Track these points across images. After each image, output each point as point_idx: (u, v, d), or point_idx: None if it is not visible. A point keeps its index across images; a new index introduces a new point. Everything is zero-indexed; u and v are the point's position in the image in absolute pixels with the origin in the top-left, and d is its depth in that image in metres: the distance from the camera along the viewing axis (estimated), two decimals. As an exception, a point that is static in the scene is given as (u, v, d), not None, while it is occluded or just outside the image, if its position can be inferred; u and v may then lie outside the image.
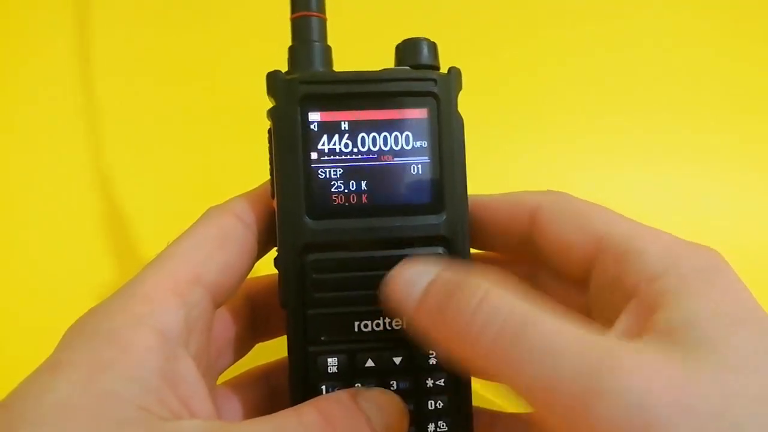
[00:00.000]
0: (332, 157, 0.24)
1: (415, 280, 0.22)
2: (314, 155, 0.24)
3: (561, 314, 0.19)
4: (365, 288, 0.24)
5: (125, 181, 0.40)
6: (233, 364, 0.27)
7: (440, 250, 0.25)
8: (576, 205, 0.25)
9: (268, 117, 0.25)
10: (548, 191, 0.26)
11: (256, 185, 0.26)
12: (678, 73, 0.46)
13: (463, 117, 0.25)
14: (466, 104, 0.25)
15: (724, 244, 0.22)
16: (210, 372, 0.25)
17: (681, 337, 0.18)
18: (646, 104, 0.45)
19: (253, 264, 0.25)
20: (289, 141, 0.24)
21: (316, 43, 0.25)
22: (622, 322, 0.21)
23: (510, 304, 0.20)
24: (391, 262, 0.24)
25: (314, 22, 0.25)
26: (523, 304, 0.20)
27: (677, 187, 0.43)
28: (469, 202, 0.25)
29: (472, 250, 0.26)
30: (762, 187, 0.44)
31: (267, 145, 0.25)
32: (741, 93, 0.46)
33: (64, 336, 0.21)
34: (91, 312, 0.21)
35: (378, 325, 0.24)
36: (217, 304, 0.24)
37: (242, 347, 0.27)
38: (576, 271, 0.24)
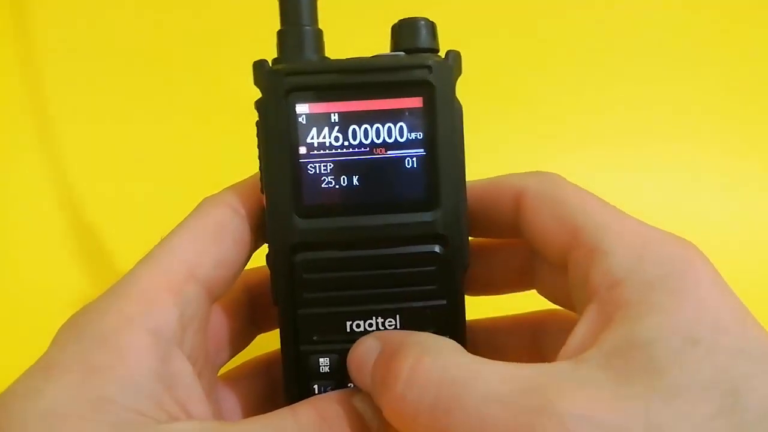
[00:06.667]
0: (322, 152, 0.23)
1: (365, 359, 0.22)
2: (303, 150, 0.23)
3: (497, 363, 0.19)
4: (357, 288, 0.24)
5: (109, 175, 0.40)
6: (234, 356, 0.27)
7: (436, 248, 0.24)
8: (559, 191, 0.23)
9: (256, 109, 0.23)
10: (535, 173, 0.24)
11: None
12: (677, 59, 0.45)
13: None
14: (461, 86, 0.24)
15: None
16: (209, 367, 0.25)
17: (622, 360, 0.18)
18: (644, 90, 0.44)
19: (250, 256, 0.25)
20: (276, 135, 0.23)
21: (306, 28, 0.24)
22: (577, 333, 0.20)
23: (441, 369, 0.19)
24: (385, 261, 0.24)
25: (304, 3, 0.24)
26: (455, 364, 0.19)
27: (672, 175, 0.43)
28: None
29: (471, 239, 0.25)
30: (761, 180, 0.43)
31: (255, 138, 0.24)
32: (742, 85, 0.45)
33: (56, 336, 0.21)
34: (85, 311, 0.21)
35: (371, 325, 0.24)
36: (213, 299, 0.24)
37: (242, 340, 0.27)
38: (558, 261, 0.23)
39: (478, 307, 0.27)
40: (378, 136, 0.23)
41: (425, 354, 0.20)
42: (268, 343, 0.28)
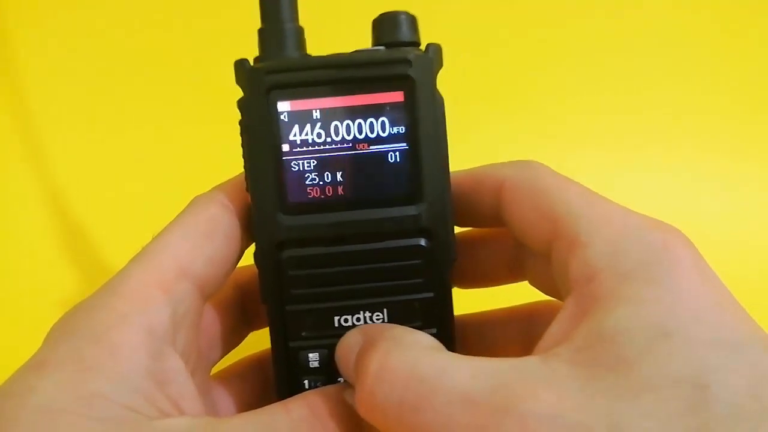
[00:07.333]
0: (305, 148, 0.23)
1: (349, 354, 0.22)
2: (286, 147, 0.23)
3: (467, 358, 0.19)
4: (344, 283, 0.24)
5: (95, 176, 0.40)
6: (226, 354, 0.27)
7: (422, 241, 0.24)
8: (539, 181, 0.23)
9: (238, 108, 0.24)
10: (515, 162, 0.24)
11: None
12: (677, 59, 0.45)
13: (444, 96, 0.23)
14: (450, 80, 0.24)
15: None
16: (202, 365, 0.25)
17: (590, 355, 0.17)
18: (644, 90, 0.44)
19: (242, 253, 0.25)
20: (258, 133, 0.23)
21: (287, 25, 0.24)
22: (553, 327, 0.20)
23: (410, 365, 0.19)
24: (371, 256, 0.24)
25: (284, 1, 0.24)
26: (424, 360, 0.19)
27: (672, 176, 0.43)
28: None
29: (457, 229, 0.25)
30: (761, 180, 0.43)
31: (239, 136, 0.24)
32: (742, 86, 0.45)
33: (49, 334, 0.21)
34: (77, 309, 0.22)
35: (358, 319, 0.24)
36: (206, 297, 0.24)
37: (234, 338, 0.27)
38: (542, 252, 0.23)
39: (471, 301, 0.27)
40: (360, 132, 0.23)
41: (394, 349, 0.20)
42: (260, 340, 0.28)
